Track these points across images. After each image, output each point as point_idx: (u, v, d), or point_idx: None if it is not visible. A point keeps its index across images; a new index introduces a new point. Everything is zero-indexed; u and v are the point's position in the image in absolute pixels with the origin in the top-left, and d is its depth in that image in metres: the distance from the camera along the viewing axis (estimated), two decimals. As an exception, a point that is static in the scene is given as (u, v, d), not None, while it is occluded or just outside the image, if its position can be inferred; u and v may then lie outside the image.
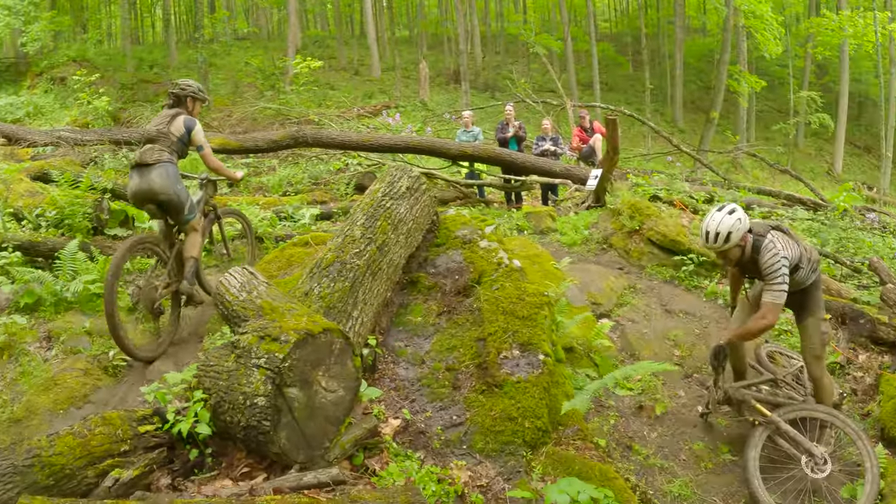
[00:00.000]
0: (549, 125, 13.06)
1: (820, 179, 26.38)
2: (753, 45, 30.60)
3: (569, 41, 33.74)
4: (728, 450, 5.05)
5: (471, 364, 4.15)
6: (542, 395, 3.95)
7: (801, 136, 33.88)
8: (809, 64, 34.75)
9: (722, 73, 28.23)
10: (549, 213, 9.76)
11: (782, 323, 7.13)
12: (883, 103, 28.98)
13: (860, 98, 39.35)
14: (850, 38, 29.80)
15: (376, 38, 37.31)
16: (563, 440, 4.16)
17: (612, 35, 49.83)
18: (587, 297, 6.82)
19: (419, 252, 4.91)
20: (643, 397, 5.48)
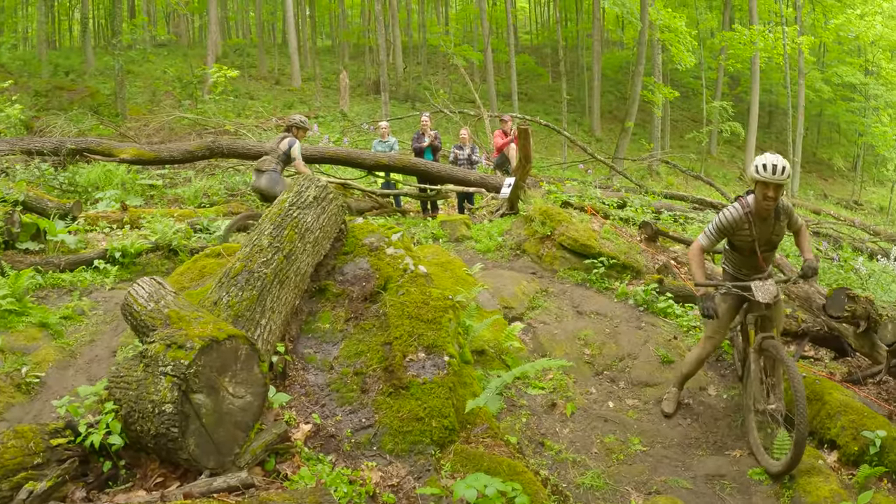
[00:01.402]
0: (466, 134, 13.23)
1: (732, 184, 27.42)
2: (668, 58, 31.62)
3: (489, 52, 34.17)
4: (639, 441, 5.23)
5: (378, 368, 4.21)
6: (447, 395, 4.03)
7: (714, 143, 35.16)
8: (722, 75, 36.15)
9: (637, 84, 29.06)
10: (465, 221, 9.88)
11: (691, 319, 7.40)
12: (791, 112, 30.39)
13: (770, 107, 41.14)
14: (761, 51, 31.15)
15: (298, 48, 37.07)
16: (473, 438, 4.24)
17: (532, 47, 50.75)
18: (499, 302, 6.93)
19: (327, 260, 4.94)
20: (555, 395, 5.61)
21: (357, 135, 21.07)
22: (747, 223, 4.91)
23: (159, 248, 7.68)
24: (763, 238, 5.02)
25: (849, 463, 5.10)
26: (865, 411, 5.31)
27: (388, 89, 28.81)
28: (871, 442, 4.97)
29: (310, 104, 31.12)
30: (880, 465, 4.93)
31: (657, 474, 4.85)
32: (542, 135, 31.18)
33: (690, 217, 13.34)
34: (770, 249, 5.20)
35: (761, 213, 4.86)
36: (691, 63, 29.65)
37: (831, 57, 37.66)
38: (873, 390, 6.34)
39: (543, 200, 9.55)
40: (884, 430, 5.02)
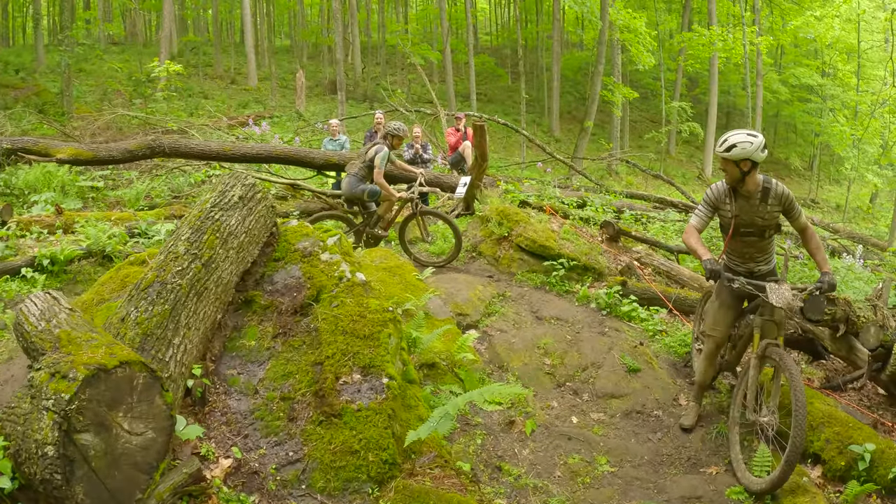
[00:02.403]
0: (419, 132, 12.75)
1: (691, 184, 27.49)
2: (628, 59, 31.65)
3: (448, 52, 33.79)
4: (606, 461, 4.81)
5: (307, 392, 3.65)
6: (386, 423, 3.50)
7: (673, 143, 35.43)
8: (681, 76, 36.40)
9: (596, 84, 29.03)
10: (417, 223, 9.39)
11: (657, 323, 7.12)
12: (750, 112, 30.62)
13: (728, 108, 41.60)
14: (720, 52, 31.48)
15: (255, 46, 36.26)
16: (419, 470, 3.72)
17: (492, 48, 50.60)
18: (452, 309, 6.49)
19: (256, 268, 4.37)
20: (513, 411, 5.17)
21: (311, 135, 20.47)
22: (728, 198, 4.78)
23: (92, 254, 7.15)
24: (746, 218, 4.80)
25: (835, 479, 4.76)
26: (850, 422, 4.98)
27: (344, 89, 28.16)
28: (860, 457, 4.65)
29: (265, 104, 30.50)
30: (869, 481, 4.60)
31: (628, 498, 4.43)
32: (500, 135, 30.96)
33: (652, 216, 13.17)
34: (756, 234, 4.90)
35: (740, 190, 4.76)
36: (651, 63, 29.70)
37: (788, 59, 38.26)
38: (854, 397, 6.11)
39: (500, 200, 9.22)
40: (872, 442, 4.70)
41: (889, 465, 4.57)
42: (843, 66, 35.48)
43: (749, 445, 4.95)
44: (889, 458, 4.60)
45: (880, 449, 4.66)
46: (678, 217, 12.95)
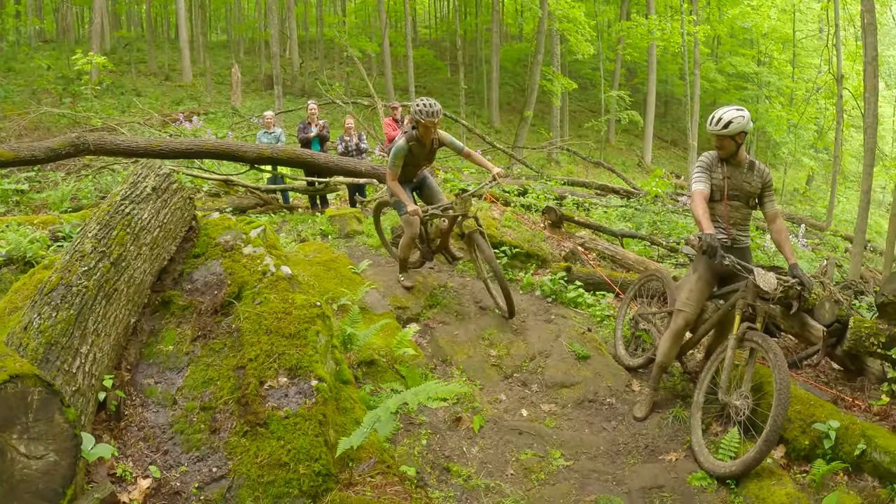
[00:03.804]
0: (351, 123, 12.39)
1: (631, 171, 27.74)
2: (567, 49, 31.81)
3: (386, 45, 33.45)
4: (561, 454, 4.59)
5: (230, 400, 3.29)
6: (317, 430, 3.15)
7: (613, 132, 35.83)
8: (619, 66, 36.81)
9: (535, 74, 29.03)
10: (355, 215, 9.15)
11: (604, 308, 7.00)
12: (688, 100, 31.02)
13: (666, 97, 42.27)
14: (658, 42, 31.97)
15: (189, 42, 35.21)
16: (358, 479, 3.40)
17: (431, 41, 50.39)
18: (391, 302, 6.21)
19: (174, 265, 3.98)
20: (459, 407, 4.90)
21: (247, 130, 19.93)
22: (720, 164, 5.02)
23: (13, 261, 6.64)
24: (736, 182, 5.01)
25: (799, 458, 4.68)
26: (812, 399, 4.89)
27: (282, 83, 27.55)
28: (825, 434, 4.55)
29: (200, 100, 29.69)
30: (836, 459, 4.50)
31: (586, 493, 4.20)
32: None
33: (594, 202, 13.17)
34: (741, 199, 5.07)
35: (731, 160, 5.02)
36: (590, 53, 29.90)
37: (725, 49, 39.04)
38: (811, 373, 6.07)
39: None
40: (835, 419, 4.61)
41: (854, 442, 4.47)
42: (779, 55, 36.93)
43: (709, 430, 4.85)
44: (853, 435, 4.50)
45: (844, 426, 4.56)
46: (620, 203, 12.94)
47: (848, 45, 26.92)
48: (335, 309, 5.39)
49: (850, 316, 5.67)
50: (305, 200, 12.34)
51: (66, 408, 2.76)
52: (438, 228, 6.69)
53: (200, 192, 11.46)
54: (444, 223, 6.55)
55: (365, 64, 32.99)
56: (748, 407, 4.49)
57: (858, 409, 5.33)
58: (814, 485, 4.35)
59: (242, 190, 11.46)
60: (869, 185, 10.34)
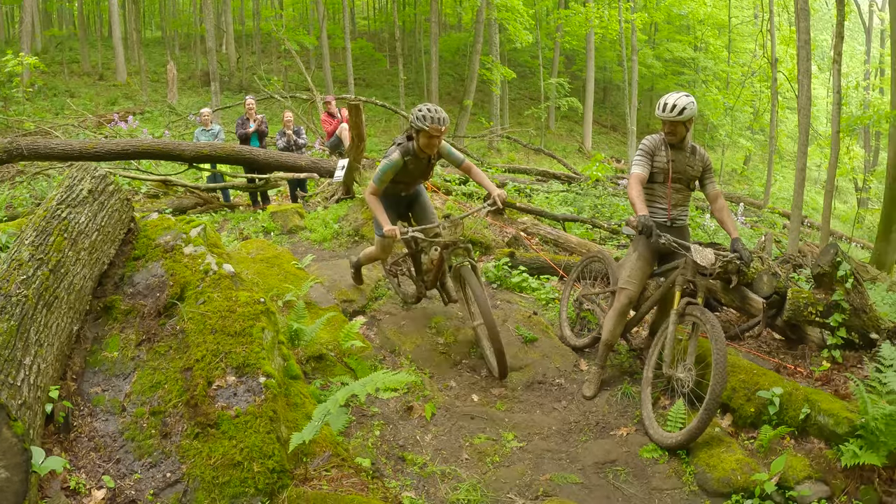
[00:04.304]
0: (290, 117, 12.27)
1: (572, 157, 28.12)
2: (506, 38, 31.97)
3: (324, 38, 33.11)
4: (514, 436, 4.66)
5: (179, 402, 3.25)
6: (268, 427, 3.14)
7: (553, 119, 36.18)
8: (558, 54, 37.18)
9: (475, 63, 29.18)
10: (297, 211, 9.10)
11: (549, 291, 7.10)
12: (626, 86, 31.51)
13: (605, 84, 42.84)
14: (596, 29, 32.51)
15: (123, 39, 34.26)
16: (313, 473, 3.41)
17: (370, 32, 50.05)
18: (337, 296, 6.19)
19: (114, 269, 3.91)
20: (411, 396, 4.93)
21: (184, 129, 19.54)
22: (664, 148, 5.14)
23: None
24: (679, 166, 5.16)
25: (746, 426, 4.86)
26: (754, 368, 5.08)
27: (218, 79, 27.09)
28: (769, 401, 4.74)
29: (136, 99, 29.01)
30: (781, 424, 4.69)
31: (541, 472, 4.29)
32: (380, 119, 30.65)
33: (535, 188, 13.33)
34: (683, 182, 5.24)
35: (672, 142, 5.13)
36: (528, 41, 30.15)
37: (662, 35, 39.71)
38: (753, 345, 6.25)
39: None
40: (778, 386, 4.80)
41: (798, 407, 4.66)
42: (715, 41, 37.94)
43: (657, 404, 4.99)
44: (797, 400, 4.70)
45: (787, 392, 4.75)
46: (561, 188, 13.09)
47: (782, 30, 27.75)
48: (280, 306, 5.37)
49: (788, 287, 5.88)
50: (246, 198, 12.20)
51: (14, 421, 2.69)
52: (430, 259, 5.96)
53: (139, 194, 11.23)
54: (435, 252, 5.74)
55: (303, 57, 32.64)
56: (692, 379, 4.66)
57: (801, 375, 5.55)
58: (762, 450, 4.53)
59: (182, 190, 11.27)
60: (804, 163, 10.67)
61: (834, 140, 10.89)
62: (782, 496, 4.18)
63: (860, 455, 4.18)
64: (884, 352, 4.71)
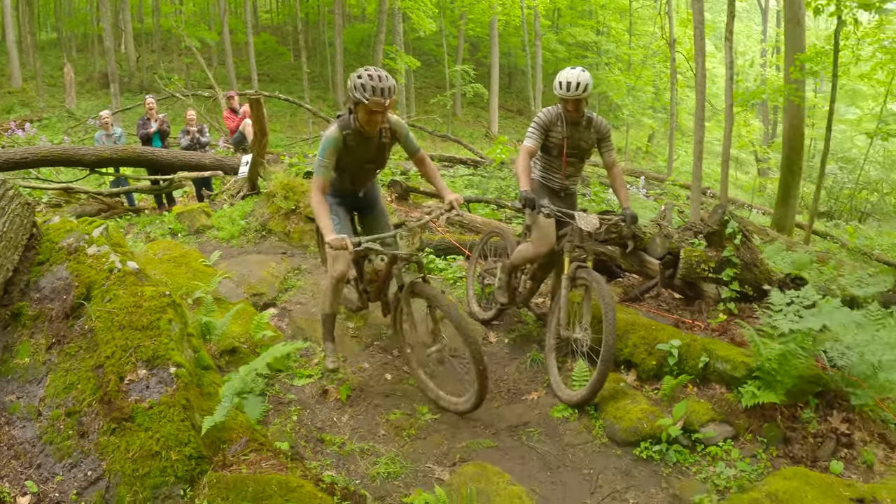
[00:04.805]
0: (193, 115, 12.13)
1: (479, 142, 28.46)
2: (410, 27, 32.04)
3: (226, 33, 32.45)
4: (428, 409, 4.87)
5: (93, 400, 3.32)
6: (182, 415, 3.24)
7: (459, 106, 36.52)
8: (462, 41, 37.49)
9: (378, 53, 29.23)
10: (203, 210, 9.04)
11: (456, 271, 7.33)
12: (530, 71, 32.05)
13: (510, 69, 43.41)
14: (499, 16, 32.84)
15: (17, 43, 32.59)
16: (232, 459, 3.52)
17: (273, 26, 49.13)
18: (246, 290, 6.28)
19: (19, 276, 3.91)
20: (325, 381, 5.10)
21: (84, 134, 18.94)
22: (560, 123, 5.28)
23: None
24: (573, 141, 5.35)
25: (649, 378, 5.21)
26: (654, 325, 5.44)
27: (118, 81, 26.29)
28: (669, 353, 5.09)
29: (32, 106, 27.83)
30: (682, 373, 5.04)
31: (457, 440, 4.53)
32: (285, 114, 30.33)
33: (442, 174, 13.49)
34: (577, 156, 5.47)
35: (571, 118, 5.29)
36: (432, 30, 30.35)
37: (566, 20, 40.52)
38: (653, 304, 6.64)
39: (285, 174, 8.97)
40: (677, 339, 5.15)
41: (697, 356, 5.04)
42: (617, 24, 39.16)
43: (564, 367, 5.28)
44: (695, 350, 5.08)
45: (686, 343, 5.11)
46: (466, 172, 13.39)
47: (680, 12, 28.84)
48: (190, 303, 5.41)
49: (682, 247, 6.30)
50: (152, 201, 11.97)
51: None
52: (375, 269, 5.13)
53: (40, 204, 10.92)
54: (381, 263, 4.96)
55: (205, 54, 31.99)
56: (589, 338, 4.99)
57: (699, 328, 5.94)
58: (665, 399, 4.88)
59: (84, 197, 10.97)
60: (701, 136, 11.22)
61: (728, 113, 11.50)
62: (689, 439, 4.53)
63: (759, 395, 4.55)
64: (773, 298, 5.08)
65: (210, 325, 4.62)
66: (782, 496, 3.75)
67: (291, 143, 19.57)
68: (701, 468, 4.37)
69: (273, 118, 27.43)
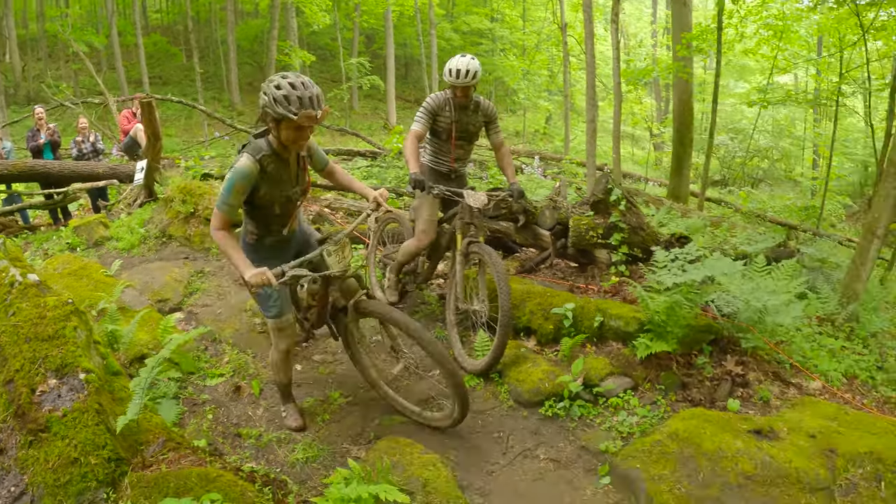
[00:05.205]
0: (84, 123, 11.77)
1: (378, 134, 28.48)
2: (304, 22, 31.67)
3: (115, 35, 31.35)
4: (339, 394, 5.06)
5: (8, 416, 3.34)
6: (97, 419, 3.32)
7: (356, 99, 36.44)
8: (357, 34, 37.27)
9: (272, 49, 28.96)
10: (101, 221, 8.81)
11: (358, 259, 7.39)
12: (425, 60, 32.26)
13: (406, 60, 43.52)
14: (394, 7, 32.88)
15: None
16: (151, 460, 3.61)
17: (164, 26, 47.54)
18: (150, 297, 6.32)
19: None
20: (237, 378, 5.23)
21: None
22: (448, 108, 5.48)
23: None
24: (461, 125, 5.56)
25: (548, 342, 5.52)
26: (549, 292, 5.74)
27: (3, 92, 25.12)
28: (564, 316, 5.40)
29: None
30: (579, 333, 5.35)
31: (370, 420, 4.73)
32: (179, 117, 29.63)
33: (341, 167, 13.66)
34: (465, 139, 5.69)
35: (460, 103, 5.48)
36: (326, 23, 30.15)
37: (460, 9, 40.84)
38: (548, 274, 6.93)
39: (182, 178, 8.88)
40: (571, 302, 5.46)
41: (591, 317, 5.40)
42: (511, 11, 39.70)
43: (469, 340, 5.51)
44: (589, 311, 5.43)
45: (580, 306, 5.46)
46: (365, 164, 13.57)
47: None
48: (95, 314, 5.41)
49: (570, 217, 6.66)
50: (47, 216, 11.59)
51: None
52: (310, 293, 4.59)
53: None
54: (315, 285, 4.29)
55: (93, 59, 30.82)
56: (487, 309, 5.26)
57: (593, 292, 6.32)
58: (565, 359, 5.22)
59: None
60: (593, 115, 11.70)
61: (616, 91, 12.10)
62: (590, 394, 4.89)
63: (651, 346, 4.95)
64: (657, 256, 5.51)
65: (116, 333, 4.67)
66: (682, 435, 4.10)
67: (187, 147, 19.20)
68: (605, 419, 4.74)
69: (167, 122, 26.72)
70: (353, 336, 4.67)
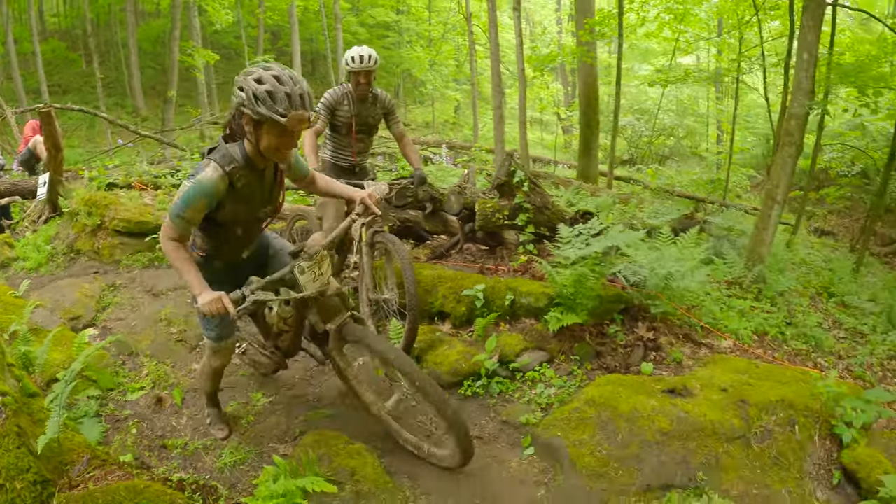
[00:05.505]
0: None
1: (297, 128, 28.18)
2: (207, 21, 30.95)
3: (11, 42, 29.79)
4: (262, 395, 5.09)
5: (-77, 447, 3.32)
6: (17, 442, 3.28)
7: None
8: (262, 31, 36.67)
9: (174, 51, 28.22)
10: (5, 241, 8.49)
11: None
12: (330, 54, 32.15)
13: (313, 55, 43.03)
14: (298, 2, 32.54)
15: None
16: (77, 479, 3.59)
17: (62, 31, 45.32)
18: (62, 316, 6.19)
19: None
20: (158, 389, 5.20)
21: None
22: (347, 102, 5.55)
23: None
24: (361, 118, 5.64)
25: (463, 324, 5.67)
26: (459, 275, 5.92)
27: None
28: (476, 297, 5.56)
29: None
30: (491, 312, 5.52)
31: (295, 417, 4.79)
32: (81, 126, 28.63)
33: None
34: (365, 132, 5.77)
35: (359, 96, 5.56)
36: (229, 21, 29.57)
37: (366, 2, 40.60)
38: (459, 258, 7.11)
39: (87, 189, 8.68)
40: (482, 283, 5.62)
41: (503, 296, 5.59)
42: (416, 3, 39.48)
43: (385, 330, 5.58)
44: (500, 291, 5.63)
45: (490, 286, 5.64)
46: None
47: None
48: (7, 338, 5.26)
49: (475, 201, 6.85)
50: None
51: None
52: (281, 317, 3.91)
53: None
54: (286, 309, 3.82)
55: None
56: (397, 297, 5.39)
57: (503, 272, 6.51)
58: (479, 339, 5.39)
59: None
60: (499, 102, 12.06)
61: (521, 77, 12.51)
62: (507, 370, 5.07)
63: (563, 318, 5.16)
64: (562, 232, 5.75)
65: (30, 354, 4.59)
66: (599, 400, 4.34)
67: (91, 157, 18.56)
68: (523, 393, 4.94)
69: (68, 132, 25.72)
70: (341, 367, 4.03)
